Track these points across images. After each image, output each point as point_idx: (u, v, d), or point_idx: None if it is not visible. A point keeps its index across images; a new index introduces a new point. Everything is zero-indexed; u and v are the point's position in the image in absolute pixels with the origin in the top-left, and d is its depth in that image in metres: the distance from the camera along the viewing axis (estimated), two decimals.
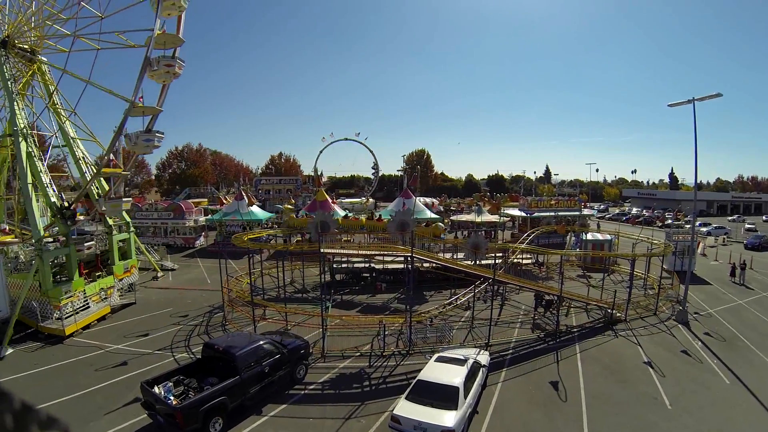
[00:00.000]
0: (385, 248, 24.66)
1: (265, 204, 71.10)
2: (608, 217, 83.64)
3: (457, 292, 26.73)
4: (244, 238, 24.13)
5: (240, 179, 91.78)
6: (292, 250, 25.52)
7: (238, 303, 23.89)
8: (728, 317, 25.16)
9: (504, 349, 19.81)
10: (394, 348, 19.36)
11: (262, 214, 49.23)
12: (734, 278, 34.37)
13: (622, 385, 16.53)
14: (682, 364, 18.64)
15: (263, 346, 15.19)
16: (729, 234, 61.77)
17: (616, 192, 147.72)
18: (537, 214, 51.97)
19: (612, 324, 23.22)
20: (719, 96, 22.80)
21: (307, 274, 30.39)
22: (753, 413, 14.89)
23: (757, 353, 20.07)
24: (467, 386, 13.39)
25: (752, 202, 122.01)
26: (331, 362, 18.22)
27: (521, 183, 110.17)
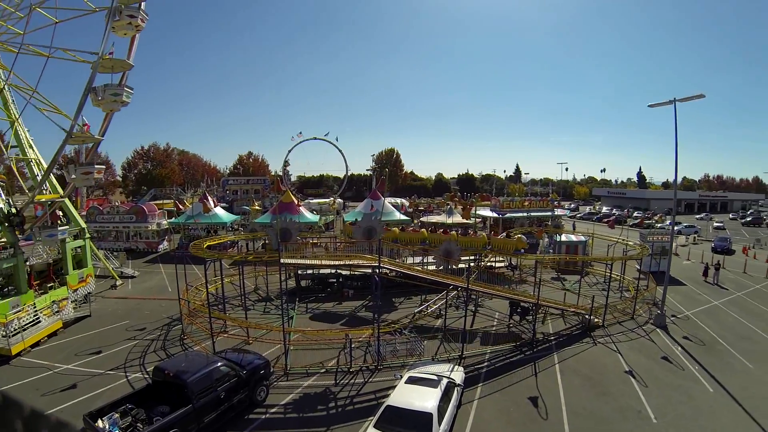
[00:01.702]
0: (352, 258, 23.99)
1: (232, 205, 70.88)
2: (579, 217, 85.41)
3: (428, 299, 26.29)
4: (204, 245, 23.29)
5: (206, 180, 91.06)
6: (252, 260, 24.66)
7: (198, 315, 22.95)
8: (706, 319, 25.68)
9: (479, 361, 19.33)
10: (361, 363, 18.72)
11: (227, 217, 48.53)
12: (707, 278, 35.41)
13: (604, 399, 16.28)
14: (663, 372, 18.65)
15: (219, 369, 14.39)
16: (699, 233, 64.20)
17: (585, 191, 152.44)
18: (509, 214, 52.28)
19: (590, 330, 23.24)
20: (702, 97, 23.20)
21: (271, 281, 29.63)
22: (739, 424, 14.91)
23: (737, 357, 20.41)
24: (441, 410, 12.65)
25: (718, 200, 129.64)
26: (294, 380, 17.45)
27: (493, 182, 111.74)
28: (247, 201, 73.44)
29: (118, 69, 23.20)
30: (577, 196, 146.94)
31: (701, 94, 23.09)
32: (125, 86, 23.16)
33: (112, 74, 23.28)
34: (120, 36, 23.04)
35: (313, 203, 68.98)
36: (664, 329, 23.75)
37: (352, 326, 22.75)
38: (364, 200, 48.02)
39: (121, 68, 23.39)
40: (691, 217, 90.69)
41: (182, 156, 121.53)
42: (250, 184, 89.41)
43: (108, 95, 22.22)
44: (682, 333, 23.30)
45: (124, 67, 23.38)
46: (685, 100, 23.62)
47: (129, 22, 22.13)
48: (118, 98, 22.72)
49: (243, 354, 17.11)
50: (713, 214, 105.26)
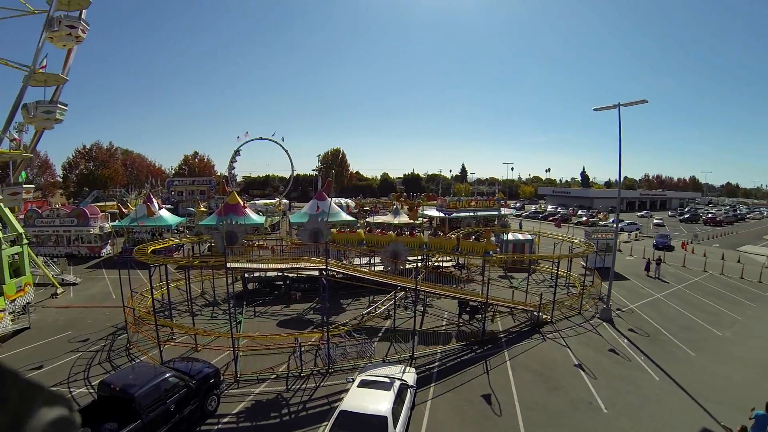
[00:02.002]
0: (299, 260, 23.67)
1: (177, 206, 70.04)
2: (525, 215, 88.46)
3: (376, 300, 26.42)
4: (148, 249, 22.55)
5: (150, 181, 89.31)
6: (197, 264, 23.82)
7: (143, 323, 22.17)
8: (649, 312, 27.24)
9: (430, 361, 19.53)
10: (312, 367, 18.61)
11: (172, 219, 47.18)
12: (649, 273, 37.61)
13: (556, 393, 16.84)
14: (611, 364, 19.56)
15: (168, 380, 14.06)
16: (640, 230, 68.29)
17: (531, 190, 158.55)
18: (456, 214, 53.24)
19: (539, 326, 24.00)
20: (644, 102, 24.84)
21: (218, 285, 29.08)
22: (686, 409, 15.88)
23: (680, 346, 21.81)
24: (396, 412, 12.72)
25: (658, 198, 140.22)
26: (245, 387, 17.14)
27: (439, 182, 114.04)
28: (192, 202, 72.59)
29: (51, 83, 22.15)
30: (523, 195, 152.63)
31: (644, 99, 24.79)
32: (58, 103, 22.13)
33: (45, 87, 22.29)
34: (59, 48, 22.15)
35: (259, 204, 68.49)
36: (610, 323, 24.96)
37: (301, 330, 22.61)
38: (310, 201, 47.83)
39: (55, 82, 22.31)
40: (632, 215, 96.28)
41: (126, 156, 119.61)
42: (195, 184, 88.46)
43: (40, 113, 21.41)
44: (628, 326, 24.58)
45: (58, 81, 22.34)
46: (629, 105, 25.13)
47: (68, 33, 21.24)
48: (51, 116, 21.95)
49: (192, 363, 16.70)
50: (653, 211, 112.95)
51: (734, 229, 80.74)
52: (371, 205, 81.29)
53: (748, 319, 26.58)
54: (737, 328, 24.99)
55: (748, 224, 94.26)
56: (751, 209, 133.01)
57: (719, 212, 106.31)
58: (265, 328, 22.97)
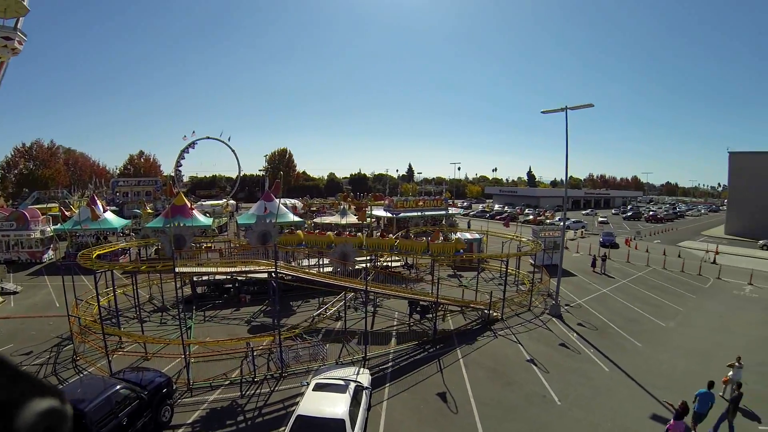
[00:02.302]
0: (248, 263, 23.40)
1: (122, 208, 70.14)
2: (472, 215, 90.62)
3: (326, 301, 26.49)
4: (93, 254, 21.81)
5: (94, 181, 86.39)
6: (145, 270, 23.09)
7: (90, 332, 21.24)
8: (596, 306, 28.68)
9: (383, 362, 19.74)
10: (265, 372, 18.47)
11: (117, 222, 46.11)
12: (596, 269, 39.56)
13: (510, 388, 17.45)
14: (562, 358, 20.47)
15: (119, 392, 13.72)
16: (586, 227, 71.64)
17: (478, 189, 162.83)
18: (403, 214, 53.84)
19: (490, 324, 24.73)
20: (591, 106, 25.98)
21: (166, 289, 28.41)
22: (634, 396, 16.95)
23: (627, 338, 23.15)
24: (353, 415, 12.88)
25: (602, 197, 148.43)
26: (199, 395, 16.81)
27: (386, 182, 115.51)
28: (138, 204, 71.86)
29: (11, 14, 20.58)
30: (470, 194, 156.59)
31: (590, 103, 25.90)
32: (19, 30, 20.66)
33: None
34: None
35: (206, 205, 68.29)
36: (559, 318, 26.09)
37: (252, 333, 22.40)
38: (257, 202, 47.67)
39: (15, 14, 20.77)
40: (578, 213, 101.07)
41: (69, 155, 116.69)
42: (141, 185, 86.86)
43: None
44: (576, 320, 25.81)
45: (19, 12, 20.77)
46: (576, 108, 26.26)
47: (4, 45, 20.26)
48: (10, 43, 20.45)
49: (142, 372, 16.30)
50: (598, 210, 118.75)
51: (674, 225, 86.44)
52: (318, 206, 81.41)
53: (690, 310, 28.51)
54: (680, 318, 26.76)
55: (687, 221, 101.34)
56: (690, 207, 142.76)
57: (660, 210, 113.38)
58: (216, 333, 22.62)
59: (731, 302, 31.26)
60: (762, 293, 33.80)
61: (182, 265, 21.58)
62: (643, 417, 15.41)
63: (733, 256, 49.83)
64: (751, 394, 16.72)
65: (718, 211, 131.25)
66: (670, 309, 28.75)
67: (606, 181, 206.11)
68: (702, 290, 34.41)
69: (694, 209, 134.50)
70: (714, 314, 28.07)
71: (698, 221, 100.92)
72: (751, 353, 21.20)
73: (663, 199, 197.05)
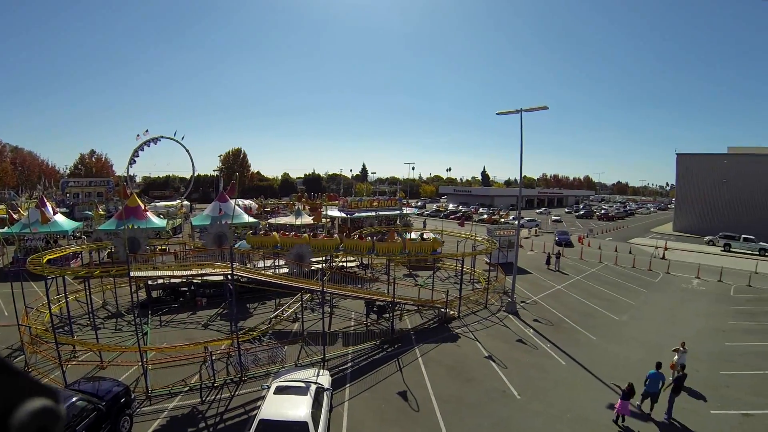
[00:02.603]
0: (204, 266, 23.13)
1: (73, 209, 67.69)
2: (427, 214, 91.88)
3: (283, 303, 26.53)
4: (43, 259, 20.75)
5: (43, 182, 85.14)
6: (98, 274, 22.38)
7: (42, 342, 20.40)
8: (551, 302, 29.94)
9: (342, 362, 19.96)
10: (225, 376, 18.36)
11: (68, 224, 44.23)
12: (550, 266, 41.13)
13: (470, 384, 18.05)
14: (520, 353, 21.31)
15: (75, 404, 13.26)
16: (540, 226, 74.17)
17: (432, 189, 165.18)
18: (358, 214, 54.23)
19: (447, 322, 25.40)
20: (545, 108, 27.04)
21: (120, 294, 27.75)
22: (591, 387, 17.98)
23: (582, 332, 24.38)
24: (315, 417, 13.09)
25: (555, 196, 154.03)
26: (158, 403, 16.50)
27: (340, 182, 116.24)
28: (89, 205, 69.94)
29: None
30: (424, 194, 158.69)
31: (545, 106, 26.95)
32: None
33: None
34: None
35: (160, 206, 67.59)
36: (515, 315, 27.08)
37: (210, 337, 22.08)
38: (212, 203, 47.20)
39: None
40: (531, 212, 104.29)
41: (16, 154, 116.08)
42: (92, 186, 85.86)
43: None
44: (532, 316, 26.88)
45: None
46: (530, 110, 27.27)
47: None
48: None
49: (99, 382, 15.84)
50: (551, 208, 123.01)
51: (625, 223, 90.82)
52: (273, 206, 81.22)
53: (641, 304, 30.20)
54: (632, 312, 28.30)
55: (637, 218, 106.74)
56: (639, 205, 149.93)
57: (611, 209, 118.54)
58: (173, 338, 22.30)
59: (680, 295, 33.34)
60: (708, 286, 36.16)
61: (137, 269, 21.16)
62: (600, 407, 16.33)
63: (681, 252, 53.01)
64: (701, 380, 18.41)
65: (667, 209, 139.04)
66: (623, 303, 30.36)
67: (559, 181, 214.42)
68: (652, 285, 36.46)
69: (644, 207, 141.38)
70: (664, 307, 29.86)
71: (648, 219, 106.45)
72: (700, 343, 22.92)
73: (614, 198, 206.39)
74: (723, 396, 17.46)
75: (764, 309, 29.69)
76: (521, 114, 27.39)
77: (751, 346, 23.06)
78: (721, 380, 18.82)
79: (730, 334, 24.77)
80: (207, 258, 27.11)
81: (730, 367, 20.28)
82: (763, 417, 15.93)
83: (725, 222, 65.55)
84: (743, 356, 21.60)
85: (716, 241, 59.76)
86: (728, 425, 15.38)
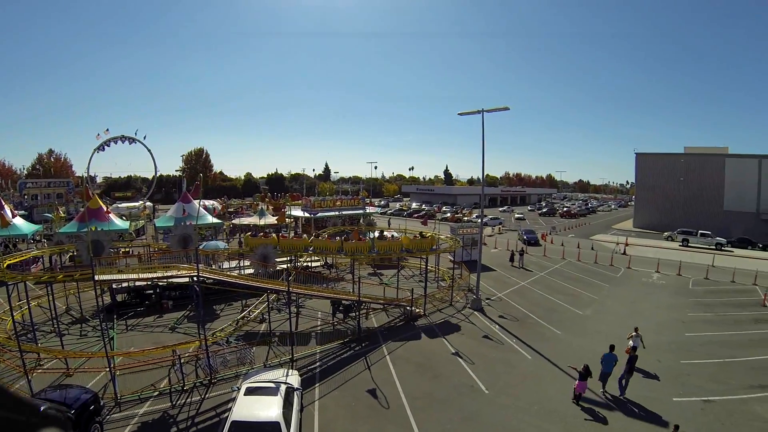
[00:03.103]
0: (169, 268, 22.66)
1: (32, 212, 67.29)
2: (390, 213, 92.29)
3: (249, 303, 26.31)
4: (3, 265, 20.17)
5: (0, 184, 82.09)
6: (61, 279, 21.60)
7: (4, 350, 19.57)
8: (516, 298, 30.67)
9: (311, 362, 20.04)
10: (194, 379, 18.19)
11: (27, 228, 42.47)
12: (514, 263, 41.98)
13: (438, 381, 18.38)
14: (486, 349, 21.81)
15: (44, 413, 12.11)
16: (503, 223, 75.54)
17: (395, 188, 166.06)
18: (321, 214, 54.11)
19: (413, 320, 25.72)
20: (507, 109, 27.56)
21: (84, 298, 27.12)
22: (556, 380, 18.62)
23: (547, 327, 25.14)
24: (287, 417, 13.21)
25: (518, 194, 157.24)
26: (128, 409, 16.17)
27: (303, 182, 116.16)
28: (49, 207, 68.79)
29: None
30: (387, 193, 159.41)
31: (506, 106, 27.48)
32: None
33: None
34: None
35: (122, 207, 65.94)
36: (481, 311, 27.69)
37: (177, 340, 21.74)
38: (175, 204, 46.51)
39: None
40: (495, 210, 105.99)
41: None
42: (51, 187, 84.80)
43: None
44: (498, 313, 27.53)
45: None
46: (492, 111, 27.80)
47: None
48: None
49: (66, 390, 15.40)
50: (514, 206, 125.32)
51: (587, 220, 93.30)
52: (236, 207, 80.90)
53: (604, 298, 31.25)
54: (595, 306, 29.28)
55: (599, 216, 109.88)
56: (601, 203, 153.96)
57: (573, 206, 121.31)
58: (140, 342, 21.86)
59: (641, 289, 34.68)
60: (668, 280, 37.68)
61: (102, 273, 20.62)
62: (567, 399, 16.91)
63: (642, 247, 54.97)
64: (663, 369, 19.59)
65: (627, 206, 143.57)
66: (586, 298, 31.36)
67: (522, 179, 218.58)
68: (614, 279, 37.75)
69: (605, 205, 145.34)
70: (626, 300, 30.99)
71: (609, 216, 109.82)
72: (661, 334, 24.01)
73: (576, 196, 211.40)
74: (684, 384, 18.39)
75: (721, 300, 31.21)
76: (482, 114, 27.90)
77: (709, 336, 24.25)
78: (683, 369, 19.79)
79: (690, 325, 25.93)
80: (172, 260, 26.67)
81: (690, 356, 21.29)
82: (723, 402, 16.83)
83: (683, 218, 68.39)
84: (703, 346, 22.68)
85: (675, 237, 62.34)
86: (690, 411, 16.17)
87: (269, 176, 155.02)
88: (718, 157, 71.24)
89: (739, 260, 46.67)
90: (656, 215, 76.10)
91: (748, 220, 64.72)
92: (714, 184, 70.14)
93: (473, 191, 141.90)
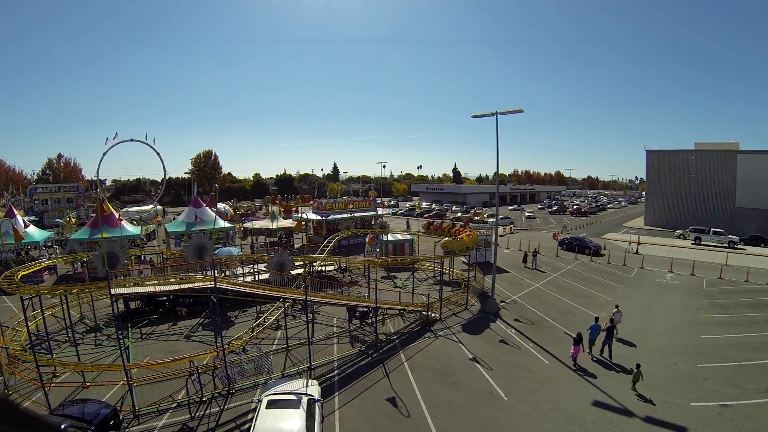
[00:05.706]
0: (186, 280, 22.88)
1: (43, 217, 68.31)
2: (400, 213, 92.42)
3: (264, 310, 26.63)
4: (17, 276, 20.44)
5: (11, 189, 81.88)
6: (76, 292, 21.96)
7: (20, 363, 19.65)
8: (531, 301, 30.69)
9: (329, 370, 20.20)
10: (212, 390, 18.25)
11: (39, 235, 42.98)
12: (527, 264, 41.95)
13: (456, 387, 18.51)
14: (504, 354, 21.91)
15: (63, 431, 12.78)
16: (514, 223, 75.46)
17: (404, 187, 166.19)
18: (333, 216, 54.28)
19: (429, 325, 25.83)
20: (521, 111, 27.62)
21: (98, 306, 27.12)
22: (575, 384, 18.76)
23: (562, 329, 25.03)
24: (309, 429, 13.36)
25: (527, 192, 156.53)
26: (147, 422, 16.22)
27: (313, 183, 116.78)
28: (59, 212, 69.78)
29: None
30: (396, 192, 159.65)
31: (521, 109, 27.56)
32: None
33: None
34: None
35: (132, 212, 66.38)
36: (496, 315, 27.67)
37: (193, 349, 21.99)
38: (186, 209, 46.81)
39: None
40: (504, 209, 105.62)
41: None
42: (61, 191, 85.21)
43: None
44: (513, 316, 27.57)
45: None
46: (506, 113, 27.83)
47: None
48: None
49: (85, 404, 15.49)
50: (524, 204, 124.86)
51: (598, 218, 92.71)
52: (247, 209, 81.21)
53: (618, 300, 30.92)
54: (610, 308, 29.03)
55: (609, 213, 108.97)
56: (610, 200, 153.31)
57: (583, 204, 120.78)
58: (156, 351, 22.12)
59: (655, 290, 34.50)
60: (682, 280, 37.49)
61: (119, 285, 20.81)
62: (586, 404, 17.02)
63: (654, 246, 54.61)
64: (680, 373, 19.69)
65: (637, 202, 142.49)
66: (600, 299, 31.33)
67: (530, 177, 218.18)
68: (628, 280, 37.60)
69: (615, 202, 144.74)
70: (640, 302, 30.91)
71: (620, 213, 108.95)
72: (677, 336, 24.00)
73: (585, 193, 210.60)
74: (701, 388, 18.37)
75: (736, 301, 31.04)
76: (497, 117, 27.94)
77: (725, 338, 24.16)
78: (699, 373, 19.78)
79: (705, 327, 25.85)
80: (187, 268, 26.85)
81: (706, 359, 21.28)
82: (740, 407, 16.80)
83: (694, 215, 67.91)
84: (718, 348, 22.63)
85: (687, 235, 61.86)
86: (708, 416, 16.20)
87: (278, 177, 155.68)
88: (730, 153, 70.64)
89: (753, 258, 46.33)
90: (667, 213, 75.59)
91: (761, 216, 64.12)
92: (725, 181, 69.54)
93: (483, 189, 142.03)
